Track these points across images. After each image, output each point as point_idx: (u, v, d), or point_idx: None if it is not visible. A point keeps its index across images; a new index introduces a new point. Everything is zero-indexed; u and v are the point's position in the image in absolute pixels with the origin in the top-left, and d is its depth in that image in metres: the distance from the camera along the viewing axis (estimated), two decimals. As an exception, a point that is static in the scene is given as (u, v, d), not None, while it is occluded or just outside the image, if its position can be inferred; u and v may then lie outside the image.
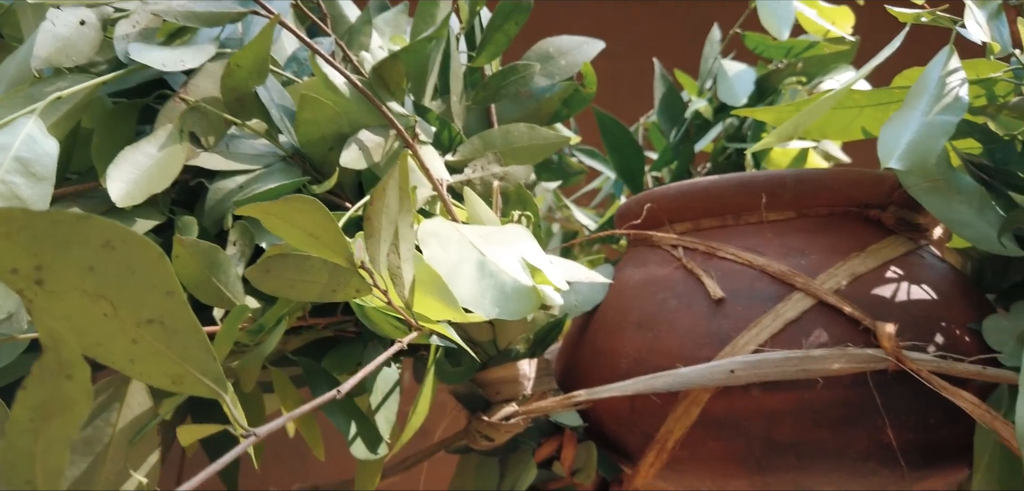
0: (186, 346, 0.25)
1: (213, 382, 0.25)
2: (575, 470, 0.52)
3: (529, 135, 0.53)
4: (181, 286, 0.24)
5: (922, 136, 0.42)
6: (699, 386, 0.46)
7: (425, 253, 0.42)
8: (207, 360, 0.25)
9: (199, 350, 0.25)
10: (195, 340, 0.25)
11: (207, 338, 0.25)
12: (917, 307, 0.47)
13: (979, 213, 0.49)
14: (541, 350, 0.54)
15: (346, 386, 0.29)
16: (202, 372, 0.25)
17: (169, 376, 0.25)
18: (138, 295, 0.23)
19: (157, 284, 0.23)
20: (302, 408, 0.28)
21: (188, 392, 0.25)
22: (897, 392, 0.44)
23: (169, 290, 0.24)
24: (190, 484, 0.22)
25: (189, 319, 0.24)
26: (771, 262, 0.49)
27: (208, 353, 0.25)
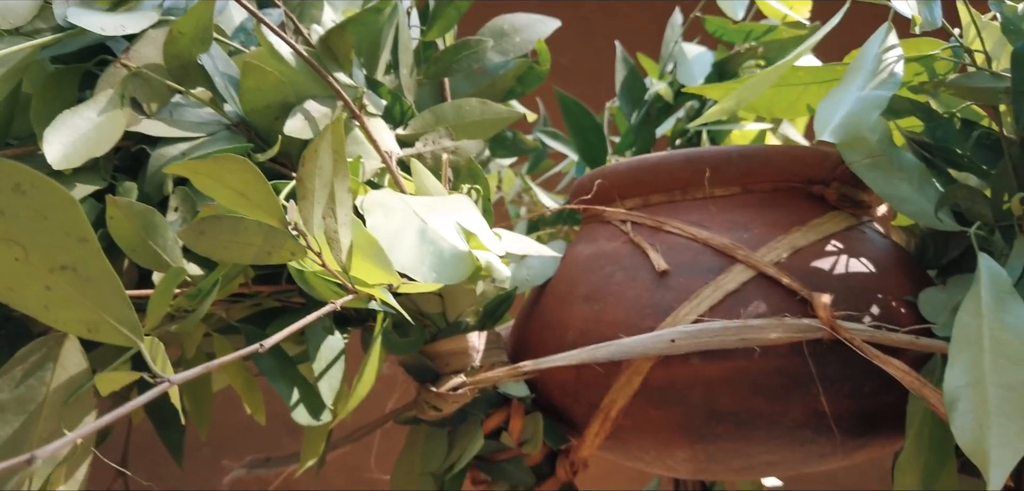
0: (101, 293, 0.25)
1: (128, 330, 0.25)
2: (523, 441, 0.53)
3: (481, 110, 0.54)
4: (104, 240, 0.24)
5: (856, 110, 0.43)
6: (640, 356, 0.47)
7: (368, 222, 0.43)
8: (122, 308, 0.25)
9: (114, 298, 0.25)
10: (110, 287, 0.25)
11: (122, 286, 0.25)
12: (855, 279, 0.48)
13: (919, 189, 0.51)
14: (491, 323, 0.54)
15: (269, 341, 0.30)
16: (118, 320, 0.25)
17: (84, 323, 0.25)
18: (50, 241, 0.23)
19: (70, 230, 0.24)
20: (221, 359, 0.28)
21: (103, 340, 0.25)
22: (833, 361, 0.45)
23: (82, 236, 0.24)
24: (101, 422, 0.22)
25: (103, 266, 0.25)
26: (714, 236, 0.50)
27: (123, 301, 0.25)
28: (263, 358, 0.43)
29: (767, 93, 0.54)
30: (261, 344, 0.29)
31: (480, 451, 0.53)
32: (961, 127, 0.51)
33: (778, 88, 0.54)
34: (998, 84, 0.47)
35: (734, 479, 0.63)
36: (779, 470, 0.52)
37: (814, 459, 0.50)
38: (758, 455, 0.49)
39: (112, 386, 0.29)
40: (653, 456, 0.52)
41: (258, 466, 0.56)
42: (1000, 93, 0.47)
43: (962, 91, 0.48)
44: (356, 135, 0.49)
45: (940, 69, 0.52)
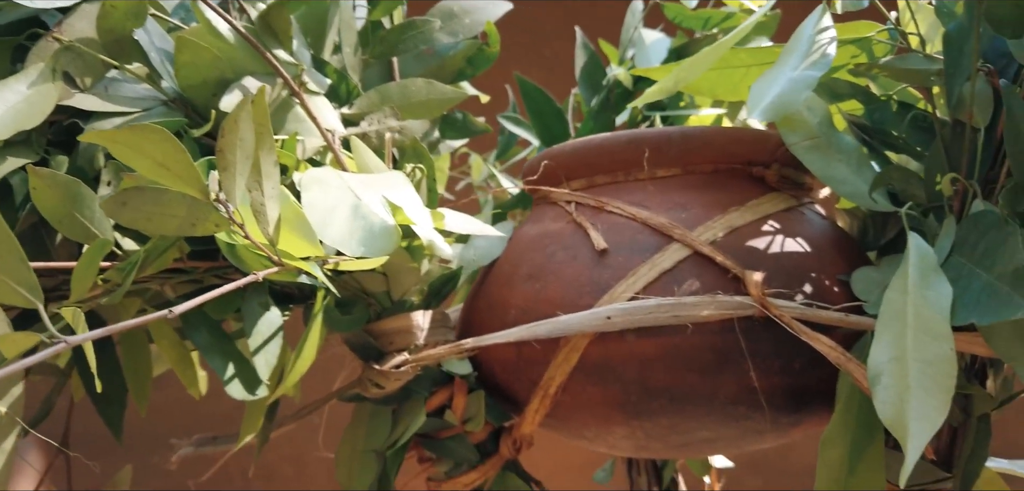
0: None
1: (27, 292, 0.26)
2: (467, 418, 0.53)
3: (427, 90, 0.54)
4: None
5: (786, 91, 0.44)
6: (577, 333, 0.47)
7: (304, 197, 0.43)
8: (21, 270, 0.25)
9: (12, 259, 0.25)
10: (8, 249, 0.25)
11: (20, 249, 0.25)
12: (789, 259, 0.49)
13: (856, 171, 0.51)
14: (436, 302, 0.55)
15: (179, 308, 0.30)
16: (16, 282, 0.25)
17: (-19, 285, 0.25)
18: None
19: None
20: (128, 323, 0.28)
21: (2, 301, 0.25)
22: (764, 338, 0.46)
23: (-23, 198, 0.24)
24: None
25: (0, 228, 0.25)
26: (653, 215, 0.50)
27: (22, 263, 0.25)
28: (198, 332, 0.43)
29: (710, 76, 0.55)
30: (170, 310, 0.29)
31: (424, 429, 0.54)
32: (897, 109, 0.52)
33: (721, 70, 0.54)
34: (931, 66, 0.48)
35: (674, 456, 0.64)
36: (718, 447, 0.53)
37: (751, 436, 0.51)
38: (695, 431, 0.50)
39: (14, 348, 0.29)
40: (594, 433, 0.52)
41: (205, 444, 0.56)
42: (933, 75, 0.48)
43: (896, 73, 0.48)
44: (298, 112, 0.49)
45: (879, 52, 0.52)
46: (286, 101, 0.48)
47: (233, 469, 1.82)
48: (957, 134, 0.47)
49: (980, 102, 0.45)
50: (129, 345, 0.45)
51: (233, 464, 1.73)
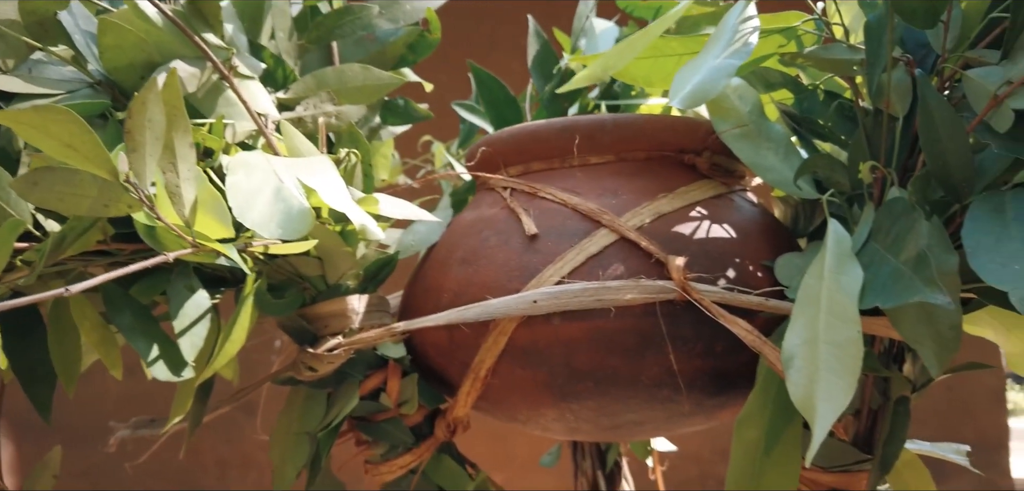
0: None
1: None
2: (402, 401, 0.54)
3: (363, 76, 0.54)
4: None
5: (706, 79, 0.45)
6: (505, 316, 0.48)
7: (229, 180, 0.43)
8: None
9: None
10: None
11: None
12: (714, 244, 0.49)
13: (784, 159, 0.52)
14: (373, 287, 0.55)
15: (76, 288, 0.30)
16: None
17: None
18: None
19: None
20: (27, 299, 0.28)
21: None
22: (685, 321, 0.47)
23: None
24: None
25: None
26: (584, 201, 0.51)
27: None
28: (121, 314, 0.43)
29: (645, 64, 0.55)
30: (66, 288, 0.30)
31: (360, 412, 0.54)
32: (824, 98, 0.53)
33: (655, 59, 0.55)
34: (853, 56, 0.48)
35: (606, 439, 0.65)
36: (647, 429, 0.54)
37: (678, 419, 0.52)
38: (622, 414, 0.50)
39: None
40: (525, 415, 0.53)
41: (143, 427, 0.56)
42: (855, 65, 0.49)
43: (820, 63, 0.49)
44: (229, 96, 0.49)
45: (808, 42, 0.53)
46: (217, 85, 0.49)
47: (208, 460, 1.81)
48: (878, 123, 0.48)
49: (898, 91, 0.46)
50: (56, 327, 0.45)
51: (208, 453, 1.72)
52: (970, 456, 0.58)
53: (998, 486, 1.81)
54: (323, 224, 0.51)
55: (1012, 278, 0.36)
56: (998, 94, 0.41)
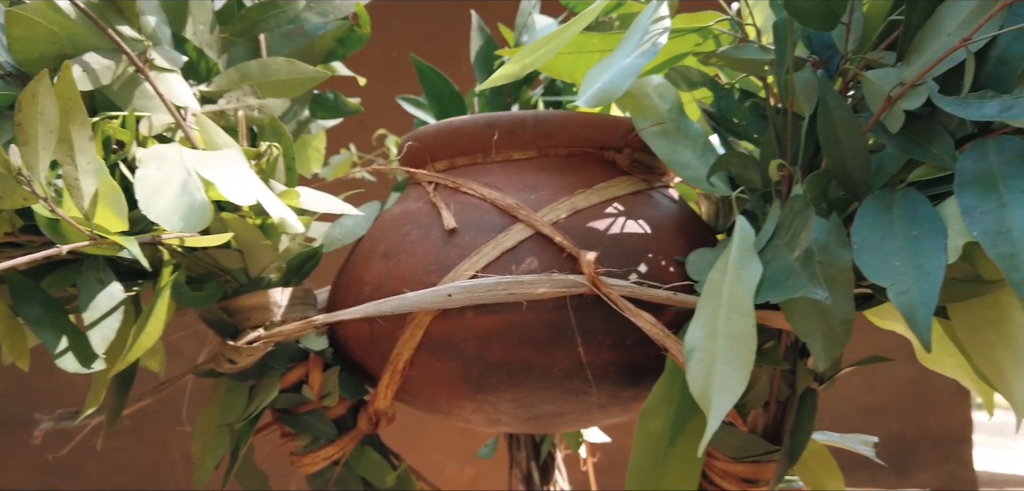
0: None
1: None
2: (324, 394, 0.54)
3: (288, 69, 0.54)
4: None
5: (613, 79, 0.45)
6: (420, 309, 0.48)
7: (138, 172, 0.44)
8: None
9: None
10: None
11: None
12: (628, 239, 0.50)
13: (701, 156, 0.53)
14: (297, 279, 0.56)
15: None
16: None
17: None
18: None
19: None
20: None
21: None
22: (596, 315, 0.48)
23: None
24: None
25: None
26: (503, 196, 0.52)
27: None
28: (29, 306, 0.43)
29: (568, 60, 0.56)
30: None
31: (283, 404, 0.54)
32: (739, 97, 0.54)
33: (578, 55, 0.56)
34: (764, 56, 0.49)
35: (527, 430, 0.66)
36: (566, 421, 0.55)
37: (595, 410, 0.53)
38: (538, 405, 0.51)
39: None
40: (446, 407, 0.54)
41: (66, 419, 0.56)
42: (766, 64, 0.50)
43: (733, 62, 0.50)
44: (147, 88, 0.49)
45: (727, 42, 0.54)
46: (133, 77, 0.49)
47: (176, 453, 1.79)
48: (787, 122, 0.49)
49: (805, 91, 0.47)
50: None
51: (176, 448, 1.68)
52: (935, 448, 0.60)
53: (961, 478, 1.85)
54: (243, 217, 0.51)
55: (891, 274, 0.37)
56: (891, 95, 0.42)
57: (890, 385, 1.94)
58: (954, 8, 0.42)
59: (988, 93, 0.38)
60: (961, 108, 0.38)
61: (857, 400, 1.91)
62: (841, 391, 2.30)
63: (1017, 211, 0.35)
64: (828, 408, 2.00)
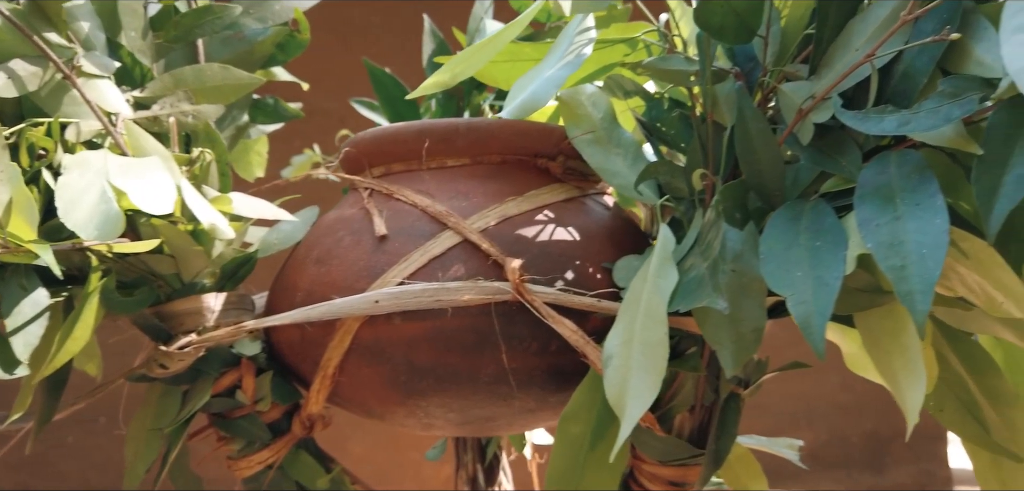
0: None
1: None
2: (258, 398, 0.55)
3: (222, 75, 0.55)
4: None
5: (536, 91, 0.46)
6: (348, 315, 0.49)
7: (60, 180, 0.44)
8: None
9: None
10: None
11: None
12: (556, 246, 0.51)
13: (632, 165, 0.54)
14: (232, 284, 0.56)
15: None
16: None
17: None
18: None
19: None
20: None
21: None
22: (521, 321, 0.48)
23: None
24: None
25: None
26: (434, 203, 0.52)
27: None
28: (-50, 313, 0.43)
29: (503, 68, 0.57)
30: None
31: (218, 409, 0.55)
32: (669, 106, 0.55)
33: (512, 63, 0.56)
34: (690, 67, 0.50)
35: (462, 434, 0.67)
36: (499, 425, 0.55)
37: (526, 414, 0.53)
38: (469, 409, 0.52)
39: None
40: (380, 411, 0.54)
41: (0, 423, 0.56)
42: (692, 75, 0.51)
43: (658, 73, 0.51)
44: (77, 95, 0.49)
45: (657, 53, 0.55)
46: (61, 84, 0.49)
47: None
48: (710, 132, 0.50)
49: (727, 102, 0.48)
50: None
51: None
52: (910, 446, 0.61)
53: (936, 476, 1.87)
54: (174, 223, 0.51)
55: (791, 284, 0.38)
56: (803, 108, 0.43)
57: (865, 383, 1.96)
58: (862, 24, 0.43)
59: (888, 108, 0.39)
60: (862, 123, 0.39)
61: (833, 398, 1.93)
62: (816, 390, 2.32)
63: (910, 224, 0.36)
64: (805, 406, 2.03)
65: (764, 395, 0.55)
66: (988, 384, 0.47)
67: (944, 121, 0.37)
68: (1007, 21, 0.34)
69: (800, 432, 2.34)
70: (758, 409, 2.63)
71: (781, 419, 2.38)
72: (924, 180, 0.37)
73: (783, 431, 2.67)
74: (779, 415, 2.35)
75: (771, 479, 2.14)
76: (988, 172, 0.36)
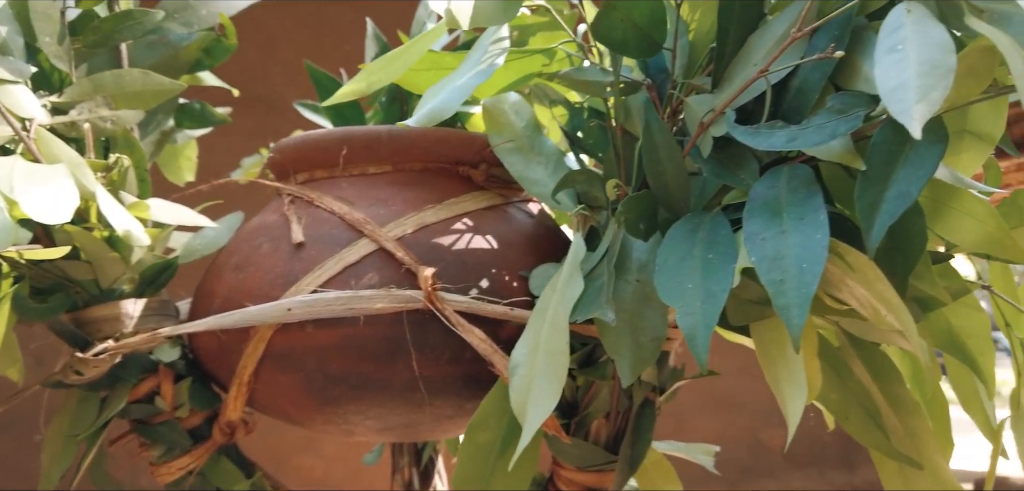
0: None
1: None
2: (178, 405, 0.55)
3: (143, 80, 0.54)
4: None
5: (443, 100, 0.47)
6: (259, 323, 0.49)
7: (-38, 187, 0.43)
8: None
9: None
10: None
11: None
12: (472, 255, 0.51)
13: (553, 174, 0.55)
14: (152, 290, 0.56)
15: None
16: None
17: None
18: None
19: None
20: None
21: None
22: (434, 329, 0.49)
23: None
24: None
25: None
26: (352, 211, 0.52)
27: None
28: None
29: (426, 76, 0.57)
30: None
31: (139, 415, 0.55)
32: (588, 116, 0.55)
33: (434, 71, 0.56)
34: (605, 78, 0.51)
35: (383, 440, 0.67)
36: (420, 431, 0.56)
37: (445, 420, 0.54)
38: (386, 416, 0.52)
39: None
40: (299, 418, 0.54)
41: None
42: (607, 85, 0.51)
43: (574, 84, 0.52)
44: (-12, 100, 0.49)
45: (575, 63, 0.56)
46: (-33, 87, 0.48)
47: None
48: (625, 142, 0.51)
49: (638, 113, 0.49)
50: None
51: None
52: None
53: None
54: (89, 230, 0.51)
55: (681, 296, 0.39)
56: (704, 121, 0.44)
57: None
58: (761, 38, 0.44)
59: (778, 123, 0.40)
60: (753, 138, 0.40)
61: (807, 398, 1.96)
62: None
63: (793, 238, 0.37)
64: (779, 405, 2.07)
65: (740, 394, 0.54)
66: (892, 392, 0.48)
67: (830, 137, 0.38)
68: (882, 41, 0.35)
69: (774, 430, 2.37)
70: (734, 408, 2.68)
71: (756, 417, 2.40)
72: (810, 194, 0.38)
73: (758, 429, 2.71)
74: (754, 413, 2.37)
75: (745, 477, 2.19)
76: (870, 188, 0.37)
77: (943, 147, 0.37)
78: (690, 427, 2.06)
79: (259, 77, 1.75)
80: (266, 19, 1.68)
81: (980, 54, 0.36)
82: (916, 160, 0.36)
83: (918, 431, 0.48)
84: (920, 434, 0.48)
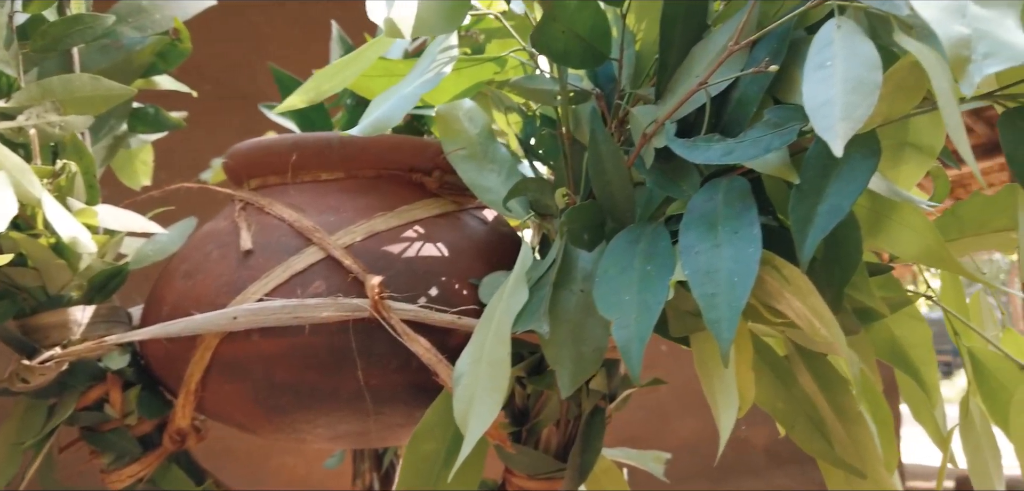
0: None
1: None
2: (128, 412, 0.54)
3: (92, 85, 0.54)
4: None
5: (389, 109, 0.46)
6: (205, 331, 0.49)
7: (-100, 195, 0.43)
8: None
9: None
10: None
11: None
12: (422, 263, 0.51)
13: (505, 181, 0.55)
14: (101, 297, 0.55)
15: None
16: None
17: None
18: None
19: None
20: None
21: None
22: (381, 338, 0.49)
23: None
24: None
25: None
26: (301, 218, 0.52)
27: None
28: None
29: (380, 82, 0.57)
30: None
31: (87, 423, 0.54)
32: (541, 124, 0.55)
33: (387, 78, 0.56)
34: (553, 87, 0.51)
35: (336, 448, 0.67)
36: (371, 439, 0.55)
37: (395, 428, 0.54)
38: (335, 425, 0.52)
39: None
40: (250, 426, 0.54)
41: None
42: (556, 95, 0.51)
43: (523, 92, 0.52)
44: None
45: (530, 71, 0.56)
46: (-87, 94, 0.48)
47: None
48: (574, 151, 0.51)
49: (584, 122, 0.49)
50: None
51: None
52: None
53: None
54: (34, 236, 0.51)
55: (618, 308, 0.39)
56: (647, 132, 0.44)
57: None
58: (704, 50, 0.44)
59: (715, 136, 0.40)
60: (690, 151, 0.40)
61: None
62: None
63: (727, 251, 0.37)
64: None
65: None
66: (837, 402, 0.49)
67: (765, 150, 0.38)
68: (811, 57, 0.35)
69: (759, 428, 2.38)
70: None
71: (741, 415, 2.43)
72: (745, 208, 0.38)
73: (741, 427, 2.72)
74: (738, 411, 2.40)
75: (729, 475, 2.21)
76: (804, 201, 0.37)
77: (875, 161, 0.37)
78: (674, 427, 2.07)
79: (247, 76, 1.74)
80: (255, 17, 1.68)
81: (910, 69, 0.36)
82: (848, 174, 0.37)
83: (861, 440, 0.48)
84: (864, 443, 0.48)
